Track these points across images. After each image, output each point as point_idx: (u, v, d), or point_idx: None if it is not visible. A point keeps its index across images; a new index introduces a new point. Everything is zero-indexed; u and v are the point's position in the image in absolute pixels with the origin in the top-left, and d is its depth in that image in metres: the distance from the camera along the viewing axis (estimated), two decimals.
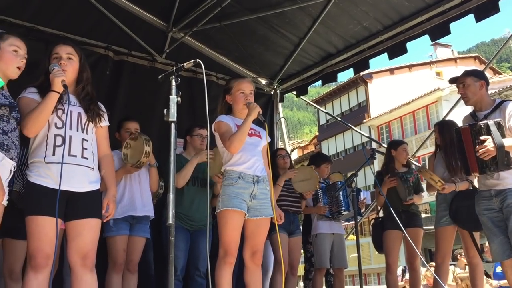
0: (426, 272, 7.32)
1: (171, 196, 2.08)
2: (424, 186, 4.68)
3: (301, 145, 32.01)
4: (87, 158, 2.66)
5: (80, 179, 2.62)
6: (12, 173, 2.46)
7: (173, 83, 2.30)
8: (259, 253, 3.12)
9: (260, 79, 6.21)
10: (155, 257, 4.39)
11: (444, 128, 4.31)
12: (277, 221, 3.20)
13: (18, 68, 2.51)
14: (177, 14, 5.28)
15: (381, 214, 4.90)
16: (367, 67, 5.47)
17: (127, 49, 5.35)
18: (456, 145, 3.50)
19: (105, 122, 2.83)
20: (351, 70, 5.62)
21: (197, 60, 2.37)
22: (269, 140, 3.30)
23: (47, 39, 4.58)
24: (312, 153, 26.46)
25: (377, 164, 6.52)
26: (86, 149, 2.66)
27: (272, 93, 6.41)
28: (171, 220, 2.04)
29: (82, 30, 5.05)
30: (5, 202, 2.42)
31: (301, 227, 5.01)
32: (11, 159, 2.43)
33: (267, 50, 5.76)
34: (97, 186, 2.70)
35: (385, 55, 5.21)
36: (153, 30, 5.48)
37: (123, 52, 5.34)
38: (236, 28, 5.34)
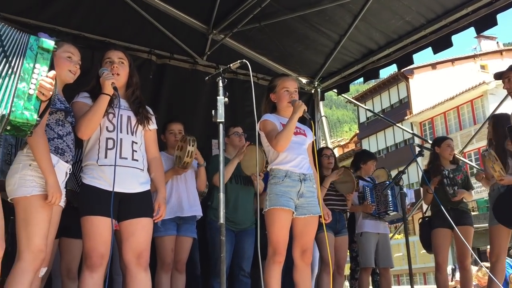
0: (477, 272, 7.09)
1: (221, 195, 2.10)
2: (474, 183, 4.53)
3: (341, 143, 31.65)
4: (137, 160, 2.73)
5: (131, 180, 2.68)
6: (67, 176, 2.55)
7: (220, 84, 2.31)
8: (309, 252, 3.10)
9: (300, 78, 6.18)
10: (200, 257, 4.44)
11: (498, 122, 4.14)
12: (324, 219, 3.18)
13: (72, 72, 2.59)
14: (217, 16, 5.33)
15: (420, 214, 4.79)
16: (411, 62, 5.35)
17: (169, 52, 5.46)
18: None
19: (153, 125, 2.89)
20: (394, 66, 5.52)
21: (244, 60, 2.39)
22: (314, 138, 3.29)
23: (93, 46, 4.73)
24: (352, 151, 26.12)
25: (421, 161, 6.37)
26: (136, 151, 2.73)
27: (312, 91, 6.38)
28: (222, 220, 2.05)
29: (125, 35, 5.18)
30: (62, 204, 2.51)
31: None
32: (66, 162, 2.52)
33: (307, 48, 5.73)
34: (147, 187, 2.76)
35: (429, 49, 5.09)
36: (194, 33, 5.56)
37: (165, 55, 5.45)
38: (275, 28, 5.34)
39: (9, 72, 1.78)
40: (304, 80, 6.25)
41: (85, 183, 2.65)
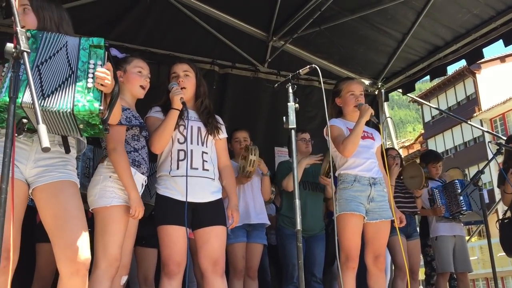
0: None
1: (297, 202, 2.09)
2: None
3: (406, 144, 30.70)
4: (208, 170, 2.79)
5: (203, 190, 2.75)
6: (143, 187, 2.65)
7: (290, 90, 2.32)
8: (382, 257, 3.04)
9: (363, 80, 6.07)
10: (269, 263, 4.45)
11: None
12: (397, 224, 3.09)
13: (142, 87, 2.69)
14: (277, 23, 5.35)
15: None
16: (481, 56, 5.11)
17: (231, 62, 5.56)
18: None
19: (223, 134, 2.95)
20: (462, 61, 5.30)
21: (313, 65, 2.38)
22: (382, 141, 3.22)
23: (159, 60, 4.91)
24: (418, 152, 25.25)
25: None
26: (206, 161, 2.79)
27: (376, 93, 6.24)
28: (299, 226, 2.05)
29: (189, 48, 5.33)
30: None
31: (418, 230, 4.79)
32: (142, 173, 2.63)
33: (369, 49, 5.62)
34: (219, 196, 2.82)
35: (500, 42, 4.84)
36: (255, 41, 5.62)
37: (227, 65, 5.55)
38: (336, 31, 5.29)
39: (70, 73, 1.89)
40: (367, 82, 6.14)
41: (159, 194, 2.75)
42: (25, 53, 1.50)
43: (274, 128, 5.70)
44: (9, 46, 1.52)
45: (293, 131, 2.33)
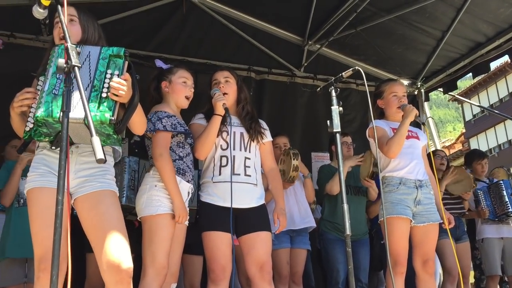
0: None
1: (345, 206, 2.07)
2: None
3: (447, 144, 29.93)
4: (250, 176, 2.79)
5: (246, 196, 2.75)
6: (189, 195, 2.68)
7: (333, 93, 2.29)
8: (431, 261, 2.95)
9: (402, 80, 5.97)
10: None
11: None
12: (447, 225, 3.00)
13: (187, 97, 2.73)
14: (312, 27, 5.34)
15: None
16: None
17: (267, 67, 5.58)
18: None
19: (267, 138, 2.94)
20: (505, 57, 5.13)
21: (356, 68, 2.36)
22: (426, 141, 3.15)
23: (196, 69, 4.97)
24: (460, 152, 24.56)
25: None
26: (248, 167, 2.79)
27: (416, 93, 6.12)
28: (348, 231, 2.02)
29: (225, 55, 5.39)
30: (186, 222, 2.64)
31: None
32: (187, 181, 2.65)
33: (407, 49, 5.52)
34: (262, 201, 2.81)
35: None
36: (290, 46, 5.62)
37: (263, 71, 5.58)
38: (372, 32, 5.22)
39: (89, 84, 1.92)
40: (406, 82, 6.03)
41: (202, 201, 2.77)
42: (76, 68, 1.54)
43: (311, 133, 5.68)
44: (61, 61, 1.57)
45: (338, 135, 2.30)
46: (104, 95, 1.89)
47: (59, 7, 1.76)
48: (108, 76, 1.92)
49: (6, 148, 3.82)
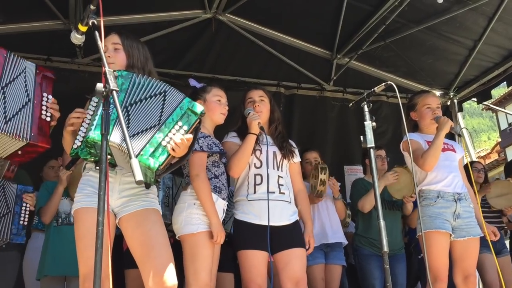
0: None
1: (382, 223, 2.04)
2: None
3: (482, 154, 29.18)
4: (283, 194, 2.80)
5: (280, 213, 2.76)
6: (224, 212, 2.69)
7: (365, 109, 2.28)
8: (473, 277, 2.87)
9: (434, 91, 5.87)
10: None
11: None
12: (489, 238, 2.91)
13: (222, 114, 2.76)
14: (340, 40, 5.33)
15: None
16: None
17: (296, 82, 5.60)
18: None
19: (296, 158, 2.97)
20: None
21: (389, 82, 2.33)
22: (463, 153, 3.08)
23: (225, 86, 5.00)
24: (496, 162, 23.88)
25: None
26: (282, 185, 2.81)
27: (448, 103, 6.02)
28: (385, 248, 1.99)
29: (254, 72, 5.44)
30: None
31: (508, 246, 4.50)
32: (223, 199, 2.67)
33: (438, 59, 5.45)
34: (295, 218, 2.82)
35: None
36: (319, 60, 5.63)
37: (293, 86, 5.60)
38: (402, 43, 5.18)
39: (156, 124, 1.95)
40: (437, 93, 5.93)
41: (237, 219, 2.79)
42: (114, 92, 1.58)
43: (342, 146, 5.65)
44: (99, 86, 1.61)
45: (372, 150, 2.28)
46: (164, 143, 1.92)
47: (97, 32, 1.81)
48: (176, 128, 1.94)
49: (44, 169, 3.94)
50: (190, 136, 1.96)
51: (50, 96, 2.10)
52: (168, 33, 5.02)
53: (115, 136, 1.88)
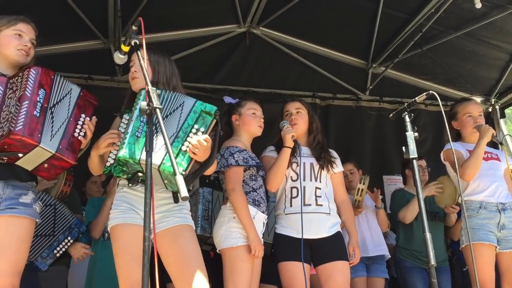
0: None
1: (428, 235, 2.00)
2: None
3: None
4: (321, 205, 2.79)
5: (318, 226, 2.75)
6: (264, 226, 2.70)
7: (407, 119, 2.25)
8: None
9: (475, 98, 5.73)
10: None
11: None
12: None
13: (260, 126, 2.79)
14: (375, 49, 5.28)
15: None
16: None
17: (331, 93, 5.58)
18: None
19: (338, 168, 2.94)
20: None
21: (430, 92, 2.29)
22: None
23: (261, 98, 5.04)
24: None
25: None
26: (319, 196, 2.80)
27: (490, 110, 5.85)
28: (432, 261, 1.94)
29: (289, 84, 5.45)
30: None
31: None
32: (262, 212, 2.69)
33: (478, 65, 5.31)
34: (336, 230, 2.79)
35: None
36: (354, 70, 5.58)
37: (328, 97, 5.59)
38: (439, 50, 5.08)
39: (174, 133, 1.99)
40: (479, 99, 5.78)
41: (277, 232, 2.81)
42: (157, 110, 1.63)
43: (381, 156, 5.57)
44: (143, 104, 1.66)
45: (415, 161, 2.24)
46: (184, 148, 1.96)
47: (139, 52, 1.87)
48: (193, 131, 1.98)
49: (87, 184, 4.05)
50: (206, 136, 1.98)
51: (88, 118, 2.15)
52: (203, 48, 5.09)
53: (145, 153, 1.91)
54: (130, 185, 2.09)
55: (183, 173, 1.92)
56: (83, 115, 2.14)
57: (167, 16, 4.64)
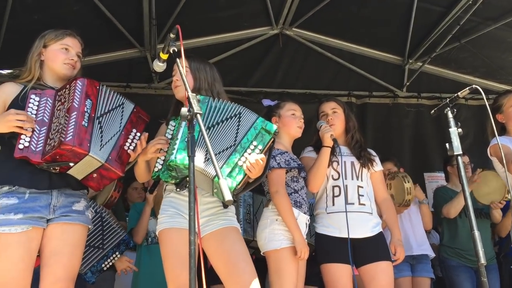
0: None
1: (476, 233, 1.94)
2: None
3: None
4: (364, 205, 2.75)
5: (361, 225, 2.71)
6: (307, 227, 2.69)
7: (449, 115, 2.19)
8: None
9: None
10: None
11: None
12: None
13: (299, 128, 2.77)
14: (412, 45, 5.18)
15: None
16: None
17: (367, 91, 5.50)
18: None
19: (377, 167, 2.91)
20: None
21: (474, 86, 2.22)
22: None
23: (296, 99, 5.02)
24: None
25: None
26: (362, 195, 2.76)
27: None
28: (482, 260, 1.88)
29: (323, 83, 5.42)
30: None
31: None
32: (304, 213, 2.67)
33: None
34: (379, 230, 2.75)
35: None
36: (390, 67, 5.50)
37: (364, 95, 5.52)
38: (478, 42, 4.94)
39: (232, 144, 2.01)
40: None
41: (318, 232, 2.78)
42: (198, 115, 1.64)
43: (420, 153, 5.46)
44: (184, 110, 1.68)
45: (459, 158, 2.18)
46: (240, 163, 1.99)
47: (178, 60, 1.89)
48: (251, 147, 2.01)
49: (128, 190, 4.14)
50: (264, 156, 2.00)
51: (138, 133, 2.20)
52: (237, 52, 5.13)
53: (197, 159, 1.94)
54: (178, 189, 2.13)
55: (236, 189, 1.96)
56: (134, 130, 2.20)
57: (200, 22, 4.69)
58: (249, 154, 1.98)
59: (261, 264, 2.67)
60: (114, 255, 2.89)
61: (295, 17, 4.94)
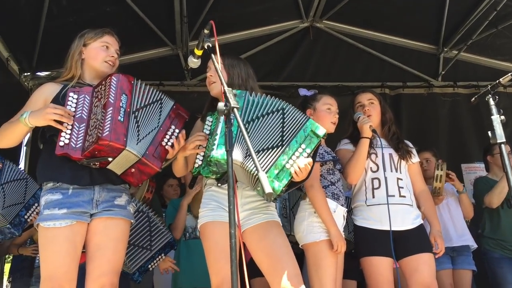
0: None
1: None
2: None
3: None
4: (404, 197, 2.71)
5: (403, 217, 2.67)
6: (345, 219, 2.67)
7: (491, 102, 2.14)
8: None
9: None
10: None
11: None
12: None
13: (333, 123, 2.72)
14: (446, 33, 5.06)
15: None
16: None
17: (401, 82, 5.40)
18: None
19: (415, 158, 2.87)
20: None
21: None
22: None
23: (329, 92, 4.98)
24: None
25: None
26: (402, 187, 2.72)
27: None
28: None
29: (356, 75, 5.34)
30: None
31: None
32: (342, 205, 2.65)
33: None
34: (419, 222, 2.71)
35: None
36: (424, 56, 5.38)
37: (398, 86, 5.41)
38: None
39: (279, 144, 2.00)
40: None
41: (357, 225, 2.75)
42: (235, 109, 1.65)
43: (458, 144, 5.32)
44: (221, 104, 1.69)
45: (503, 146, 2.12)
46: (288, 166, 1.97)
47: (213, 55, 1.91)
48: (300, 150, 2.00)
49: (163, 187, 4.20)
50: (311, 160, 2.00)
51: (177, 130, 2.21)
52: (268, 46, 5.13)
53: (236, 154, 1.95)
54: (219, 184, 2.15)
55: (279, 194, 1.96)
56: (173, 127, 2.21)
57: (230, 18, 4.71)
58: (297, 157, 1.97)
59: (297, 258, 2.67)
60: (159, 257, 2.94)
61: (325, 9, 4.90)
